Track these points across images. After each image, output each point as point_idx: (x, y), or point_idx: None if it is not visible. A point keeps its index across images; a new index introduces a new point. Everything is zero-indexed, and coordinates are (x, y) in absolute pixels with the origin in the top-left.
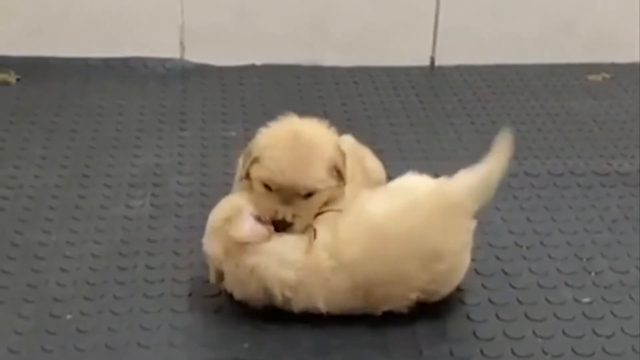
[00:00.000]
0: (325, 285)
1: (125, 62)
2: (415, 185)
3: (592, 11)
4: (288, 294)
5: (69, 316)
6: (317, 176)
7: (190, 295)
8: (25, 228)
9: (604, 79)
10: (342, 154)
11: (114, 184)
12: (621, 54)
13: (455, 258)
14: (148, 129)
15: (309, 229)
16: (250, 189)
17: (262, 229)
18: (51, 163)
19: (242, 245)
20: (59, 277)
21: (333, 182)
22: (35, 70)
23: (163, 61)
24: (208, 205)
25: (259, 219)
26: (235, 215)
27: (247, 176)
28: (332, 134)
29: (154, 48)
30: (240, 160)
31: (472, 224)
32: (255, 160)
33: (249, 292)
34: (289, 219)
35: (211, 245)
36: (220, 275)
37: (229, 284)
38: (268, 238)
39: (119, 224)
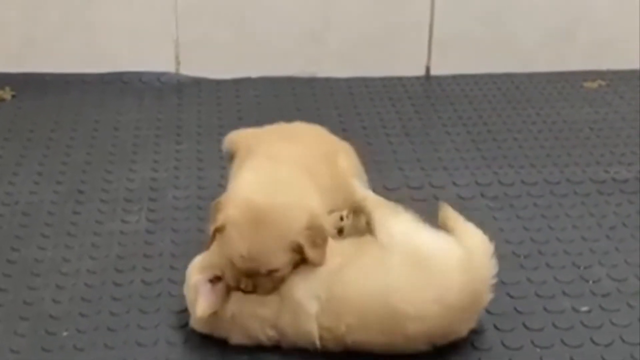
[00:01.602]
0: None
1: (120, 76)
2: (437, 256)
3: (588, 19)
4: (270, 332)
5: (65, 333)
6: (278, 260)
7: (187, 310)
8: (21, 245)
9: (600, 86)
10: (314, 227)
11: (110, 199)
12: (617, 61)
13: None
14: (144, 143)
15: None
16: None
17: (215, 301)
18: (47, 179)
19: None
20: (55, 293)
21: (296, 258)
22: (30, 86)
23: (158, 75)
24: (205, 218)
25: (217, 278)
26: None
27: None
28: (307, 198)
29: (149, 62)
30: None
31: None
32: (220, 229)
33: (237, 336)
34: (250, 289)
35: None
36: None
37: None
38: (226, 300)
39: (115, 239)
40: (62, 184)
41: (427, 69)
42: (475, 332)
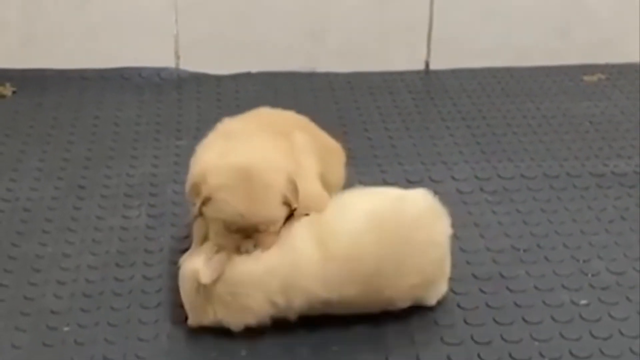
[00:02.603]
0: (319, 276)
1: (120, 72)
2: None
3: (587, 13)
4: (279, 299)
5: (66, 328)
6: (274, 212)
7: None
8: (21, 240)
9: (599, 80)
10: (292, 183)
11: (110, 194)
12: (616, 54)
13: (447, 245)
14: (144, 139)
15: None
16: (204, 225)
17: (218, 267)
18: (47, 175)
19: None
20: (56, 289)
21: (287, 210)
22: (30, 82)
23: (158, 71)
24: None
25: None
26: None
27: (200, 214)
28: (281, 158)
29: (149, 58)
30: (187, 193)
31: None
32: (207, 199)
33: (241, 319)
34: (251, 251)
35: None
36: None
37: (223, 318)
38: (228, 263)
39: (116, 234)
40: (62, 180)
41: (427, 64)
42: (475, 326)
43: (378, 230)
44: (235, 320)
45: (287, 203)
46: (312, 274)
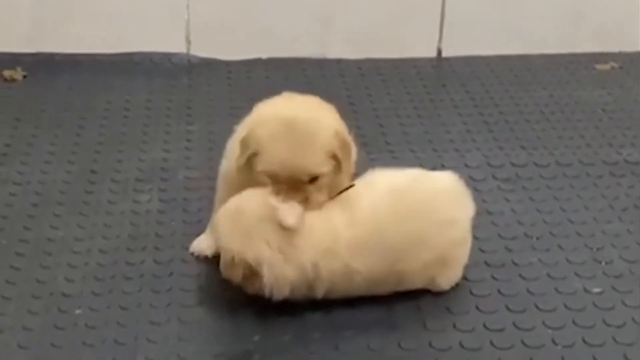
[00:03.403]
0: (346, 243)
1: (131, 57)
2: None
3: (600, 1)
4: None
5: (77, 311)
6: (316, 161)
7: (198, 289)
8: (33, 224)
9: (612, 68)
10: (341, 140)
11: (122, 179)
12: (629, 43)
13: (467, 227)
14: (155, 124)
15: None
16: (246, 181)
17: (299, 209)
18: (58, 159)
19: (291, 239)
20: (68, 272)
21: (332, 165)
22: (41, 67)
23: (169, 56)
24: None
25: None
26: (270, 212)
27: (244, 167)
28: (331, 118)
29: (160, 43)
30: (231, 147)
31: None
32: (254, 154)
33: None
34: (301, 201)
35: (250, 249)
36: (249, 277)
37: (270, 283)
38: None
39: (127, 219)
40: (73, 164)
41: (439, 51)
42: (487, 313)
43: (397, 203)
44: (276, 289)
45: (334, 158)
46: (341, 239)
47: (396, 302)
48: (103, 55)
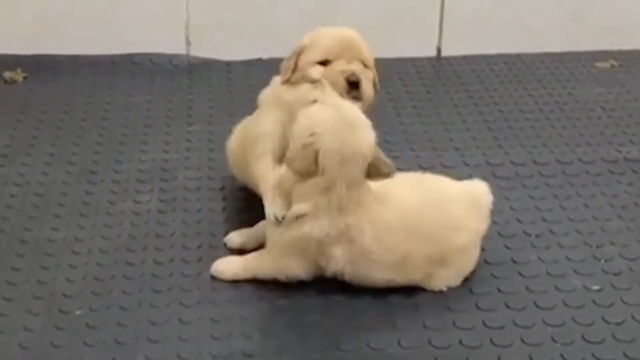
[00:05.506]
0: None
1: (131, 58)
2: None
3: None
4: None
5: (78, 312)
6: (366, 47)
7: (198, 289)
8: (33, 225)
9: (611, 66)
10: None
11: (122, 179)
12: (629, 41)
13: (474, 237)
14: (155, 125)
15: None
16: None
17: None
18: (59, 160)
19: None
20: (68, 273)
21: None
22: (42, 68)
23: (169, 57)
24: (216, 199)
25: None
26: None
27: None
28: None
29: (160, 44)
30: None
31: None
32: (303, 50)
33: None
34: (359, 72)
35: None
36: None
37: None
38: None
39: (127, 219)
40: (74, 165)
41: (439, 50)
42: (487, 311)
43: (422, 192)
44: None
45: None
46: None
47: (396, 301)
48: (103, 56)
